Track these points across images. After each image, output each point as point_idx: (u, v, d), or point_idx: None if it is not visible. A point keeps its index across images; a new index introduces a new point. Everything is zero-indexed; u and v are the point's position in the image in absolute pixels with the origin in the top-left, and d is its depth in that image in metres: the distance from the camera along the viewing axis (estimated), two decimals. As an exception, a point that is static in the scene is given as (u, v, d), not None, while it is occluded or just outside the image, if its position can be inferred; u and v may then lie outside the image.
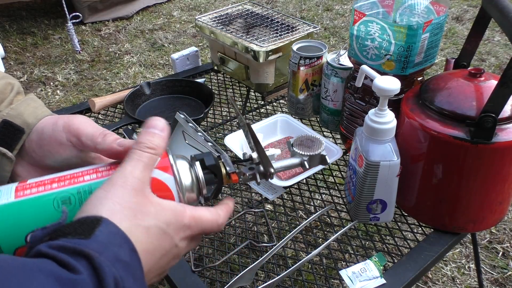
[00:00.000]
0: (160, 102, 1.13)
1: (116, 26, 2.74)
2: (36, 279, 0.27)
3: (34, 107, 0.46)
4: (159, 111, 1.09)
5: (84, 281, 0.28)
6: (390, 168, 0.64)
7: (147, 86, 1.13)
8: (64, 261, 0.29)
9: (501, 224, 1.31)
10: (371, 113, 0.64)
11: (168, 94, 1.14)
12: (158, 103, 1.13)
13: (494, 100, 0.57)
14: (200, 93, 1.12)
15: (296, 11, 2.83)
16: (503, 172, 0.64)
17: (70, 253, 0.30)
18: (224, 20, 1.15)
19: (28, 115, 0.45)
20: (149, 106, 1.12)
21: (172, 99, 1.14)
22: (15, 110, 0.45)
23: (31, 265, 0.28)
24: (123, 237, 0.33)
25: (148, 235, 0.35)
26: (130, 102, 1.08)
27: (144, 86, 1.12)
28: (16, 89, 0.47)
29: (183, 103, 1.12)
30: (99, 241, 0.31)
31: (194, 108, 1.10)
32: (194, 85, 1.14)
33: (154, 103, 1.13)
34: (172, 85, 1.15)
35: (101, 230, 0.32)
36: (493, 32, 2.36)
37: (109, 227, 0.33)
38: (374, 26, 0.72)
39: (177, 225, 0.37)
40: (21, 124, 0.45)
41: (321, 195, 0.86)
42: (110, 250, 0.31)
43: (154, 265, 0.36)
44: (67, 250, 0.30)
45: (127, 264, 0.32)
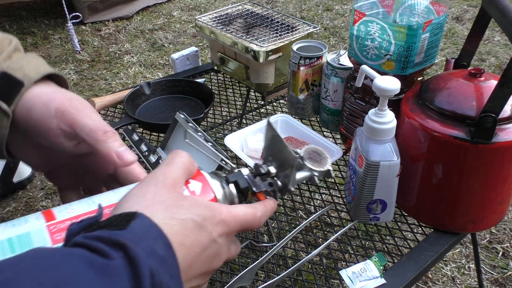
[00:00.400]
0: (160, 102, 1.13)
1: (116, 26, 2.74)
2: (68, 263, 0.27)
3: (36, 63, 0.43)
4: (159, 111, 1.09)
5: (117, 266, 0.28)
6: (390, 168, 0.64)
7: (147, 86, 1.13)
8: (98, 249, 0.28)
9: (501, 224, 1.31)
10: (371, 113, 0.64)
11: (168, 94, 1.14)
12: (158, 103, 1.13)
13: (494, 100, 0.57)
14: (200, 93, 1.12)
15: (296, 11, 2.83)
16: (503, 172, 0.64)
17: (104, 242, 0.29)
18: (224, 20, 1.15)
19: (29, 69, 0.41)
20: (149, 106, 1.11)
21: (172, 99, 1.13)
22: (16, 63, 0.41)
23: (64, 251, 0.28)
24: (157, 232, 0.31)
25: (183, 227, 0.33)
26: (130, 102, 1.08)
27: (144, 86, 1.12)
28: (14, 44, 0.44)
29: (183, 103, 1.12)
30: (135, 232, 0.30)
31: (194, 108, 1.10)
32: (194, 85, 1.14)
33: (154, 103, 1.12)
34: (172, 85, 1.14)
35: (137, 223, 0.31)
36: (493, 32, 2.36)
37: (144, 221, 0.31)
38: (374, 26, 0.72)
39: (213, 219, 0.35)
40: (21, 77, 0.41)
41: (321, 195, 0.86)
42: (146, 242, 0.30)
43: (193, 262, 0.34)
44: (101, 239, 0.29)
45: (162, 258, 0.30)
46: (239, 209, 0.38)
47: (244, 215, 0.38)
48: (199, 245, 0.34)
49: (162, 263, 0.30)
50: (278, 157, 0.44)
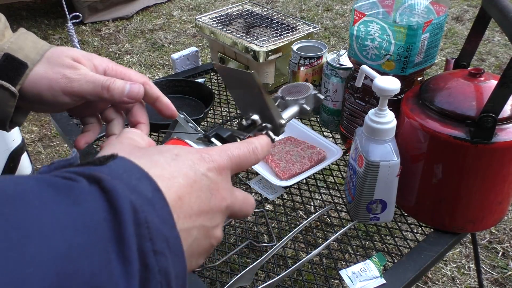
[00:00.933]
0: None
1: (116, 26, 2.74)
2: (23, 183, 0.22)
3: (32, 41, 0.45)
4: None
5: (86, 189, 0.23)
6: (390, 168, 0.64)
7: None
8: (65, 176, 0.24)
9: (501, 224, 1.31)
10: (371, 113, 0.64)
11: (168, 94, 1.14)
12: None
13: (494, 100, 0.57)
14: (200, 93, 1.12)
15: (296, 11, 2.83)
16: (503, 172, 0.64)
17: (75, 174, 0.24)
18: (224, 20, 1.15)
19: (29, 49, 0.43)
20: (149, 106, 1.11)
21: (172, 99, 1.12)
22: (16, 44, 0.43)
23: (20, 177, 0.23)
24: (141, 172, 0.27)
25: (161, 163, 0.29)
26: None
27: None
28: (3, 22, 0.45)
29: (183, 103, 1.11)
30: (113, 169, 0.26)
31: (194, 108, 1.09)
32: (194, 85, 1.14)
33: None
34: (172, 85, 1.14)
35: (116, 162, 0.27)
36: (493, 32, 2.36)
37: (125, 161, 0.27)
38: (374, 26, 0.72)
39: (193, 154, 0.31)
40: (24, 58, 0.43)
41: (321, 195, 0.86)
42: (127, 180, 0.25)
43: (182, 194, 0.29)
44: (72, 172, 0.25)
45: (149, 199, 0.25)
46: (226, 145, 0.35)
47: (236, 148, 0.34)
48: (182, 176, 0.29)
49: (149, 204, 0.25)
50: (255, 106, 0.42)
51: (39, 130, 1.81)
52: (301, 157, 0.86)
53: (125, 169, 0.26)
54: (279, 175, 0.82)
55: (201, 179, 0.30)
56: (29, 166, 1.48)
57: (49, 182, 0.23)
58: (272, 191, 0.82)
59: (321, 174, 0.88)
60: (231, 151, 0.34)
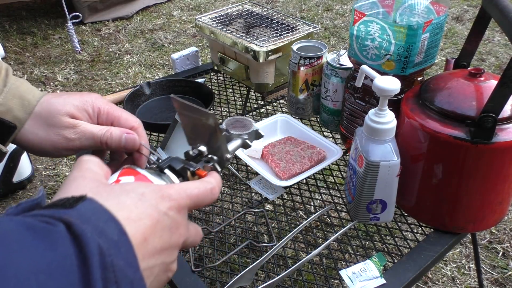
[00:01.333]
0: (160, 102, 1.13)
1: (116, 26, 2.74)
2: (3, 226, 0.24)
3: (20, 97, 0.47)
4: (159, 111, 1.09)
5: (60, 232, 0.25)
6: (390, 168, 0.64)
7: (147, 86, 1.12)
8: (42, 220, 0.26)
9: (501, 224, 1.31)
10: (371, 113, 0.64)
11: (168, 94, 1.15)
12: (158, 103, 1.13)
13: (494, 100, 0.57)
14: (200, 93, 1.12)
15: (296, 11, 2.83)
16: (503, 172, 0.64)
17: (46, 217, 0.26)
18: (224, 20, 1.15)
19: (17, 109, 0.46)
20: (149, 106, 1.11)
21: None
22: (4, 106, 0.45)
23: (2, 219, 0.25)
24: (108, 215, 0.28)
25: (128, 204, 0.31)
26: (130, 102, 1.08)
27: (144, 86, 1.12)
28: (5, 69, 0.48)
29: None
30: (82, 213, 0.27)
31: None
32: (194, 85, 1.14)
33: (154, 103, 1.12)
34: (172, 85, 1.15)
35: (85, 205, 0.28)
36: (493, 32, 2.36)
37: (93, 204, 0.29)
38: (374, 26, 0.72)
39: (156, 193, 0.33)
40: (12, 120, 0.45)
41: (321, 195, 0.86)
42: (94, 223, 0.27)
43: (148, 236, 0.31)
44: (43, 216, 0.26)
45: (115, 242, 0.27)
46: (186, 184, 0.37)
47: (194, 188, 0.36)
48: (148, 217, 0.31)
49: (115, 247, 0.27)
50: (203, 138, 0.44)
51: (39, 130, 1.81)
52: (301, 157, 0.86)
53: (93, 212, 0.28)
54: (279, 175, 0.82)
55: (163, 218, 0.33)
56: (29, 166, 1.48)
57: (28, 226, 0.24)
58: (272, 191, 0.82)
59: (321, 174, 0.88)
60: (190, 190, 0.36)
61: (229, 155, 0.44)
